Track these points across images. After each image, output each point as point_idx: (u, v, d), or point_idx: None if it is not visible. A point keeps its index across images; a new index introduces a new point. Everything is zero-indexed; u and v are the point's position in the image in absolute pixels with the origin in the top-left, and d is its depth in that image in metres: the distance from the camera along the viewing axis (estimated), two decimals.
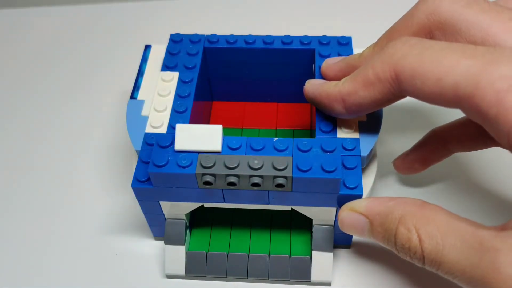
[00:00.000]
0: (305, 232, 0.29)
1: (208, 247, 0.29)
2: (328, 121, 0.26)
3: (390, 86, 0.22)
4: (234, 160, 0.24)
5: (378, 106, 0.23)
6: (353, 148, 0.25)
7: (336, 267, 0.29)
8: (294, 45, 0.31)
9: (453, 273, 0.20)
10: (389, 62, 0.21)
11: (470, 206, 0.31)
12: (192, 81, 0.29)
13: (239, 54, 0.31)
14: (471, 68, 0.19)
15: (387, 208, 0.22)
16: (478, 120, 0.19)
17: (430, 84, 0.20)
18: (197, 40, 0.31)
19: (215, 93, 0.34)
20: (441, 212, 0.21)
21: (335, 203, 0.25)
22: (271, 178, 0.23)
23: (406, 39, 0.22)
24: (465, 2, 0.22)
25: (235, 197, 0.25)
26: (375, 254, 0.29)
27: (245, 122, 0.34)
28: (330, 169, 0.23)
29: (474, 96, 0.18)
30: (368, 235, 0.23)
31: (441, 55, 0.20)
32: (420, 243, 0.20)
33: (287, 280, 0.28)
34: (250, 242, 0.29)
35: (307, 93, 0.26)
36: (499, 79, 0.18)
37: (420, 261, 0.21)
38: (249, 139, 0.25)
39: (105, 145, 0.36)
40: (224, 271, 0.28)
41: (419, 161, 0.30)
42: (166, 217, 0.28)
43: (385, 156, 0.33)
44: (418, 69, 0.20)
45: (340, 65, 0.27)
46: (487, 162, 0.34)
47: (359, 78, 0.23)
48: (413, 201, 0.22)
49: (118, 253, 0.30)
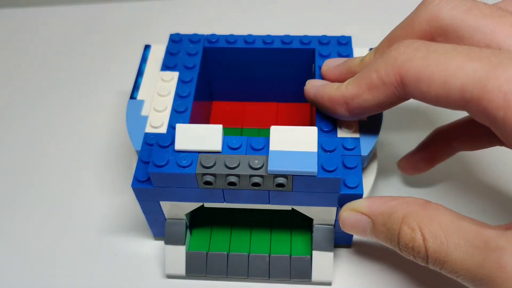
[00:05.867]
0: (306, 232, 0.29)
1: (208, 247, 0.28)
2: (328, 121, 0.26)
3: (394, 90, 0.22)
4: (235, 160, 0.24)
5: (381, 108, 0.23)
6: (354, 148, 0.25)
7: (337, 266, 0.29)
8: (294, 45, 0.31)
9: (457, 272, 0.20)
10: (393, 66, 0.21)
11: (473, 206, 0.31)
12: (192, 81, 0.29)
13: (239, 54, 0.31)
14: (478, 70, 0.19)
15: (389, 208, 0.22)
16: (485, 122, 0.19)
17: (436, 87, 0.20)
18: (197, 40, 0.31)
19: (215, 93, 0.34)
20: (444, 212, 0.21)
21: (335, 202, 0.25)
22: (272, 177, 0.23)
23: (410, 42, 0.21)
24: (466, 8, 0.22)
25: (236, 197, 0.25)
26: (376, 253, 0.29)
27: (245, 122, 0.34)
28: (331, 169, 0.23)
29: (481, 98, 0.19)
30: (370, 235, 0.23)
31: (446, 58, 0.20)
32: (424, 243, 0.20)
33: (288, 280, 0.28)
34: (250, 242, 0.29)
35: (308, 94, 0.26)
36: (506, 81, 0.18)
37: (423, 260, 0.21)
38: (249, 139, 0.25)
39: (105, 145, 0.36)
40: (225, 271, 0.28)
41: (424, 161, 0.30)
42: (166, 217, 0.28)
43: (385, 155, 0.33)
44: (423, 72, 0.20)
45: (341, 69, 0.27)
46: (490, 161, 0.34)
47: (363, 82, 0.23)
48: (416, 200, 0.22)
49: (118, 253, 0.30)
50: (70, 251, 0.30)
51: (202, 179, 0.24)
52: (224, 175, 0.24)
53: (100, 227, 0.31)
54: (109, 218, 0.32)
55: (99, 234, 0.31)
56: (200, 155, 0.24)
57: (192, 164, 0.24)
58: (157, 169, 0.24)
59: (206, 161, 0.24)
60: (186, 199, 0.26)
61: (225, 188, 0.24)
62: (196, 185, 0.24)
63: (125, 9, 0.48)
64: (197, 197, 0.26)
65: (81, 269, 0.30)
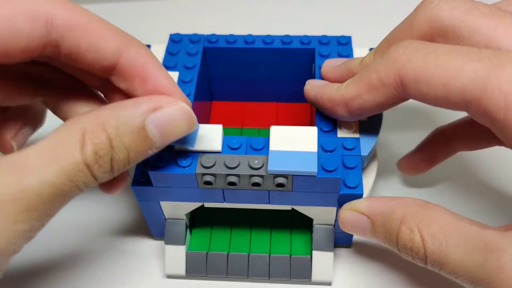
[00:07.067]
0: (306, 232, 0.29)
1: (208, 247, 0.29)
2: (328, 121, 0.26)
3: (394, 90, 0.22)
4: (235, 160, 0.24)
5: (381, 109, 0.23)
6: (354, 148, 0.25)
7: (337, 266, 0.29)
8: (294, 45, 0.31)
9: (456, 272, 0.20)
10: (393, 67, 0.21)
11: (473, 206, 0.31)
12: (192, 81, 0.29)
13: (239, 53, 0.31)
14: (478, 71, 0.19)
15: (388, 208, 0.22)
16: (486, 122, 0.19)
17: (436, 88, 0.20)
18: (197, 40, 0.31)
19: (215, 93, 0.34)
20: (443, 212, 0.21)
21: (335, 202, 0.25)
22: (272, 177, 0.23)
23: (409, 42, 0.21)
24: (465, 8, 0.22)
25: (235, 197, 0.25)
26: (376, 253, 0.29)
27: (245, 122, 0.34)
28: (331, 169, 0.23)
29: (482, 99, 0.19)
30: (369, 235, 0.23)
31: (446, 58, 0.20)
32: (423, 243, 0.20)
33: (288, 280, 0.28)
34: (250, 242, 0.29)
35: (308, 94, 0.26)
36: (507, 82, 0.18)
37: (422, 261, 0.21)
38: (249, 139, 0.25)
39: None
40: (225, 271, 0.28)
41: (424, 161, 0.30)
42: (166, 217, 0.28)
43: (385, 155, 0.33)
44: (423, 73, 0.20)
45: (340, 71, 0.27)
46: (490, 161, 0.34)
47: (363, 82, 0.23)
48: (415, 201, 0.22)
49: (118, 253, 0.30)
50: (70, 251, 0.30)
51: (202, 179, 0.24)
52: (224, 175, 0.24)
53: (100, 227, 0.31)
54: (109, 218, 0.32)
55: (99, 234, 0.31)
56: (200, 155, 0.24)
57: (192, 164, 0.24)
58: (157, 169, 0.24)
59: (206, 161, 0.24)
60: (186, 199, 0.26)
61: (225, 188, 0.25)
62: (196, 185, 0.24)
63: (125, 9, 0.48)
64: (197, 197, 0.26)
65: (81, 269, 0.30)
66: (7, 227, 0.17)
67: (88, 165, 0.18)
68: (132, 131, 0.19)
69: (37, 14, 0.19)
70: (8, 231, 0.17)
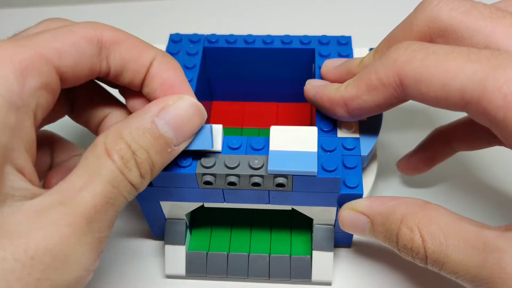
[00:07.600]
0: (306, 232, 0.29)
1: (208, 247, 0.29)
2: (328, 121, 0.26)
3: (394, 91, 0.22)
4: (235, 160, 0.24)
5: (381, 110, 0.23)
6: (354, 148, 0.25)
7: (337, 266, 0.29)
8: (294, 45, 0.31)
9: (456, 272, 0.20)
10: (393, 67, 0.21)
11: (473, 206, 0.31)
12: (192, 81, 0.29)
13: (239, 54, 0.31)
14: (477, 72, 0.19)
15: (388, 208, 0.22)
16: (485, 123, 0.19)
17: (435, 89, 0.20)
18: (197, 40, 0.31)
19: (215, 93, 0.34)
20: (443, 212, 0.21)
21: (335, 202, 0.25)
22: (272, 177, 0.23)
23: (409, 43, 0.21)
24: (465, 9, 0.22)
25: (236, 197, 0.25)
26: (376, 253, 0.29)
27: (245, 122, 0.34)
28: (331, 169, 0.23)
29: (481, 100, 0.19)
30: (369, 235, 0.23)
31: (445, 59, 0.20)
32: (423, 243, 0.20)
33: (288, 279, 0.28)
34: (250, 242, 0.29)
35: (308, 94, 0.26)
36: (506, 83, 0.18)
37: (422, 261, 0.21)
38: (249, 139, 0.25)
39: None
40: (225, 271, 0.28)
41: (423, 161, 0.30)
42: (166, 217, 0.28)
43: (385, 155, 0.33)
44: (422, 74, 0.20)
45: (340, 70, 0.27)
46: (490, 161, 0.34)
47: (362, 83, 0.23)
48: (415, 201, 0.22)
49: (118, 253, 0.30)
50: None
51: (202, 179, 0.24)
52: (224, 175, 0.24)
53: None
54: None
55: None
56: (200, 155, 0.24)
57: (192, 164, 0.24)
58: None
59: (206, 161, 0.24)
60: (186, 199, 0.26)
61: (225, 188, 0.25)
62: (196, 185, 0.24)
63: (125, 9, 0.48)
64: (197, 197, 0.26)
65: None
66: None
67: (120, 170, 0.20)
68: (144, 132, 0.21)
69: (91, 36, 0.21)
70: (78, 245, 0.19)
